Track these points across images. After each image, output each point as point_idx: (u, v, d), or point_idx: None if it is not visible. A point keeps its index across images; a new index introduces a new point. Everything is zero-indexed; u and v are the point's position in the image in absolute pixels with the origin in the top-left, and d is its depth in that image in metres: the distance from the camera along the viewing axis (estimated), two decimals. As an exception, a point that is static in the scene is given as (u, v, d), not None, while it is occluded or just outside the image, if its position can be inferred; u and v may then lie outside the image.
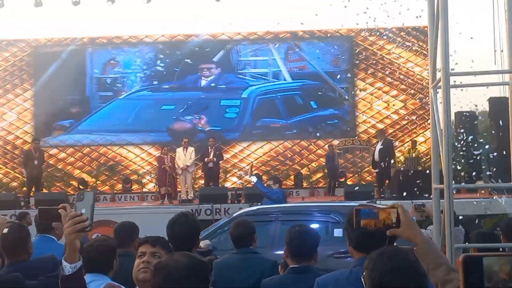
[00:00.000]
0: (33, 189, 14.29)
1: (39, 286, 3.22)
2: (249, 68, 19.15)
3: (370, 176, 16.90)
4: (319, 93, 18.53)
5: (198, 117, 18.82)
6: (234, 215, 7.61)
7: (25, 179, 15.16)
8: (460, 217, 6.94)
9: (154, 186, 17.12)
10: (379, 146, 14.46)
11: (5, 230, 3.66)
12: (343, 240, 3.16)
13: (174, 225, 3.41)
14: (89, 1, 17.68)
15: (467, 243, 5.69)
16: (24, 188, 15.56)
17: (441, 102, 4.13)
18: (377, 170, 14.67)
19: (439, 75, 4.28)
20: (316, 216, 4.31)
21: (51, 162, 18.12)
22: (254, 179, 10.18)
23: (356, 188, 12.42)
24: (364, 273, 1.83)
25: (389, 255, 1.81)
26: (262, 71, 19.02)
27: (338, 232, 4.46)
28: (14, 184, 18.19)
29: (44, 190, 15.73)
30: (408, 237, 2.15)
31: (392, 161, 14.49)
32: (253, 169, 11.49)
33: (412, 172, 13.07)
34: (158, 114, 18.78)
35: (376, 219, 2.14)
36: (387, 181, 14.22)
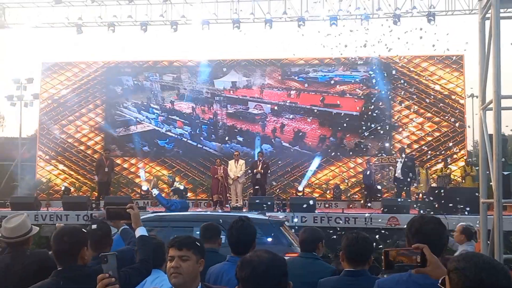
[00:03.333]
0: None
1: (123, 276, 3.25)
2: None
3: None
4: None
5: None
6: None
7: (94, 185, 15.44)
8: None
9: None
10: (400, 164, 14.08)
11: (94, 226, 3.76)
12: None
13: (231, 229, 3.50)
14: (155, 29, 18.17)
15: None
16: (95, 192, 15.86)
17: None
18: (396, 185, 14.36)
19: (488, 98, 4.19)
20: (200, 224, 4.32)
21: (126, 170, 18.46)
22: (155, 191, 10.22)
23: (399, 201, 12.18)
24: (450, 275, 1.75)
25: (472, 255, 1.77)
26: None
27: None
28: (84, 188, 18.62)
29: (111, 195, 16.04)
30: (439, 277, 2.09)
31: (414, 177, 14.19)
32: (155, 182, 11.41)
33: (444, 189, 12.74)
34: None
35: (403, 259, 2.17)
36: (403, 194, 13.96)
